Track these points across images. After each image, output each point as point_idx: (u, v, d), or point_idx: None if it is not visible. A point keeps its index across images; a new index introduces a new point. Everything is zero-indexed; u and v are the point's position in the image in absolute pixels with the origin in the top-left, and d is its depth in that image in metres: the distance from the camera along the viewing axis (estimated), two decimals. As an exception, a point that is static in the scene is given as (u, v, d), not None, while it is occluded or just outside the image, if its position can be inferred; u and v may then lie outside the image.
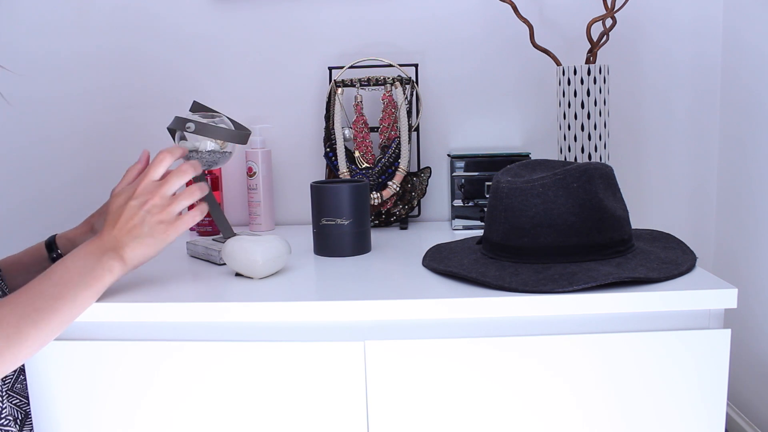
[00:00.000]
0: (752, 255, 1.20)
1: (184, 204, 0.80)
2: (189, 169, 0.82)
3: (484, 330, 0.79)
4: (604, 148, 1.11)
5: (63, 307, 0.70)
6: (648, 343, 0.77)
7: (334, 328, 0.80)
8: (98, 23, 1.31)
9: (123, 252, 0.76)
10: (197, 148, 0.98)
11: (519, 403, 0.79)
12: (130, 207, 0.77)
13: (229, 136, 0.97)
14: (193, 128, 0.94)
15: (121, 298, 0.81)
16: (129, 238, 0.76)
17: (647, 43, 1.28)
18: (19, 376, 0.81)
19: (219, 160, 1.01)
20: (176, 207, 0.79)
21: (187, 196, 0.81)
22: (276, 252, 0.87)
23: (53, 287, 0.70)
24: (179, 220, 0.79)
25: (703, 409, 0.78)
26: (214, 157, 1.00)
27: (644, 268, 0.81)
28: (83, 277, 0.72)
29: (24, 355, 0.68)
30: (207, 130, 0.95)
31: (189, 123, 0.94)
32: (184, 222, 0.79)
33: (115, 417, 0.82)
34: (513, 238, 0.85)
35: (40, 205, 1.36)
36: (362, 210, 1.00)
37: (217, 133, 0.96)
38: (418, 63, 1.27)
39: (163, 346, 0.80)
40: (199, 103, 1.06)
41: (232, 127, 1.00)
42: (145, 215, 0.77)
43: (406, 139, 1.21)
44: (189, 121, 0.95)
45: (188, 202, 0.80)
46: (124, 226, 0.77)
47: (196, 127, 0.94)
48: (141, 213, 0.77)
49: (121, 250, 0.76)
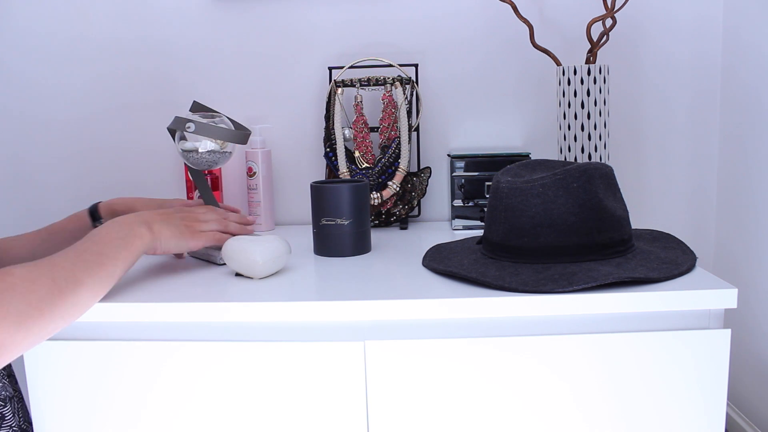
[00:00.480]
0: (752, 255, 1.20)
1: (210, 226, 0.93)
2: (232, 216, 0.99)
3: (484, 330, 0.79)
4: (604, 148, 1.11)
5: (107, 261, 0.77)
6: (648, 343, 0.77)
7: (334, 328, 0.80)
8: (98, 24, 1.31)
9: (153, 225, 0.86)
10: (197, 149, 0.98)
11: (519, 403, 0.79)
12: (172, 209, 0.93)
13: (229, 136, 0.97)
14: (193, 128, 0.95)
15: (122, 298, 0.81)
16: (161, 219, 0.88)
17: (647, 43, 1.28)
18: None
19: (219, 160, 1.01)
20: (204, 225, 0.93)
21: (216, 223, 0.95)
22: (276, 252, 0.87)
23: (96, 245, 0.77)
24: (200, 234, 0.91)
25: (703, 409, 0.78)
26: (214, 157, 1.00)
27: (644, 268, 0.81)
28: (120, 240, 0.80)
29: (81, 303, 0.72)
30: (207, 130, 0.96)
31: (189, 123, 0.95)
32: (205, 236, 0.91)
33: (116, 417, 0.82)
34: (513, 238, 0.85)
35: (39, 206, 1.36)
36: (362, 210, 1.00)
37: (217, 133, 0.96)
38: (418, 63, 1.27)
39: (163, 346, 0.80)
40: (199, 103, 1.06)
41: (231, 127, 1.00)
42: (176, 217, 0.91)
43: (406, 139, 1.21)
44: (189, 121, 0.95)
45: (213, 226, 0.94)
46: (158, 212, 0.90)
47: (197, 127, 0.95)
48: (177, 214, 0.91)
49: (153, 224, 0.86)
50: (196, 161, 1.00)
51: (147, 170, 1.34)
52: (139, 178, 1.34)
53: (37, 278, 0.67)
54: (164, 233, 0.86)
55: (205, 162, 1.00)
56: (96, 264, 0.75)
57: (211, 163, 1.00)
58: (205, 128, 0.96)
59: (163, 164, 1.34)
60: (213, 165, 1.01)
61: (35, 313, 0.64)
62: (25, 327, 0.63)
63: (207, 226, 0.93)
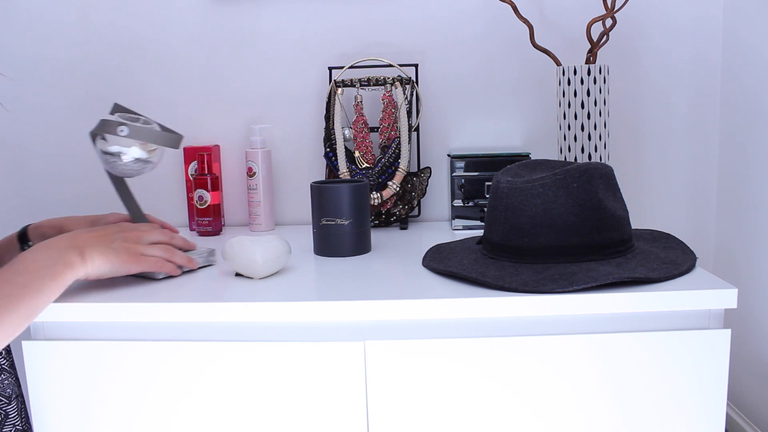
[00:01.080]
0: (752, 255, 1.20)
1: (153, 251, 0.86)
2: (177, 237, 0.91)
3: (484, 330, 0.79)
4: (604, 148, 1.11)
5: (29, 295, 0.71)
6: (648, 343, 0.77)
7: (334, 328, 0.80)
8: (98, 24, 1.30)
9: (85, 250, 0.78)
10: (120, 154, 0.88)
11: (519, 403, 0.79)
12: (107, 228, 0.85)
13: (164, 139, 0.89)
14: (126, 132, 0.86)
15: (122, 298, 0.81)
16: (95, 242, 0.80)
17: (647, 43, 1.28)
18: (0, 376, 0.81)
19: (142, 169, 0.91)
20: (146, 248, 0.85)
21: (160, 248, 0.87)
22: (276, 252, 0.87)
23: (19, 276, 0.72)
24: (142, 258, 0.84)
25: (703, 409, 0.78)
26: (138, 165, 0.90)
27: (644, 268, 0.81)
28: (47, 269, 0.74)
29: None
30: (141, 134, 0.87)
31: (121, 126, 0.86)
32: (146, 261, 0.84)
33: (115, 417, 0.82)
34: (513, 238, 0.85)
35: (38, 207, 1.36)
36: (362, 210, 1.00)
37: (152, 137, 0.88)
38: (418, 63, 1.27)
39: (163, 346, 0.80)
40: (121, 105, 0.96)
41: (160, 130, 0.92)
42: (116, 238, 0.83)
43: (406, 139, 1.21)
44: (121, 124, 0.86)
45: (158, 252, 0.86)
46: (94, 234, 0.82)
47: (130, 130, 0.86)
48: (115, 234, 0.84)
49: (85, 249, 0.79)
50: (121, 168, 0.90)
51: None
52: (139, 178, 1.34)
53: None
54: (97, 259, 0.79)
55: (131, 170, 0.90)
56: (17, 298, 0.70)
57: (137, 171, 0.90)
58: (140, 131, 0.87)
59: (163, 164, 1.34)
60: (138, 173, 0.91)
61: None
62: None
63: (150, 251, 0.85)
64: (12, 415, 0.82)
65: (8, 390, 0.82)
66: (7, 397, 0.82)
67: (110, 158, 0.89)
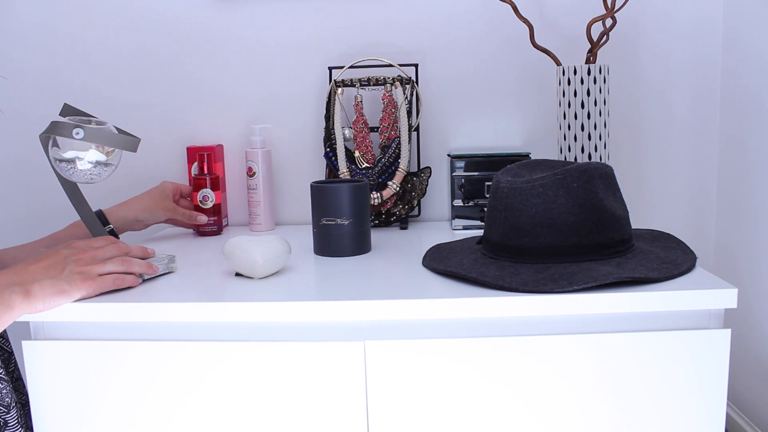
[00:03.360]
0: (752, 255, 1.20)
1: (108, 268, 0.81)
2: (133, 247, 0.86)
3: (484, 330, 0.79)
4: (604, 148, 1.11)
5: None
6: (648, 343, 0.77)
7: (334, 328, 0.80)
8: (98, 24, 1.31)
9: (31, 286, 0.73)
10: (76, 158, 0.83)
11: (519, 403, 0.79)
12: (58, 253, 0.79)
13: (121, 142, 0.84)
14: (82, 134, 0.81)
15: (121, 298, 0.81)
16: (42, 275, 0.75)
17: (647, 43, 1.28)
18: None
19: (101, 174, 0.86)
20: (100, 267, 0.80)
21: (116, 262, 0.82)
22: (276, 252, 0.87)
23: None
24: (98, 279, 0.79)
25: (703, 409, 0.78)
26: (99, 169, 0.85)
27: (644, 268, 0.81)
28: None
29: None
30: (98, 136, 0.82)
31: (77, 128, 0.80)
32: (102, 282, 0.80)
33: (116, 417, 0.82)
34: (513, 238, 0.85)
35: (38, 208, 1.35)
36: (362, 210, 1.00)
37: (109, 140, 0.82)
38: (418, 63, 1.27)
39: (163, 346, 0.80)
40: (71, 107, 0.90)
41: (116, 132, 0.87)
42: (68, 263, 0.78)
43: (406, 139, 1.21)
44: (76, 126, 0.81)
45: (114, 267, 0.81)
46: (43, 264, 0.76)
47: (86, 133, 0.81)
48: (65, 260, 0.78)
49: (30, 284, 0.73)
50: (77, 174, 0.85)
51: (147, 171, 1.34)
52: (139, 179, 1.34)
53: None
54: (45, 292, 0.73)
55: (88, 175, 0.84)
56: None
57: (95, 176, 0.85)
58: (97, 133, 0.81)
59: (164, 165, 1.34)
60: (96, 178, 0.86)
61: None
62: None
63: (106, 268, 0.81)
64: (11, 423, 0.82)
65: (6, 399, 0.82)
66: (6, 406, 0.82)
67: (66, 165, 0.84)
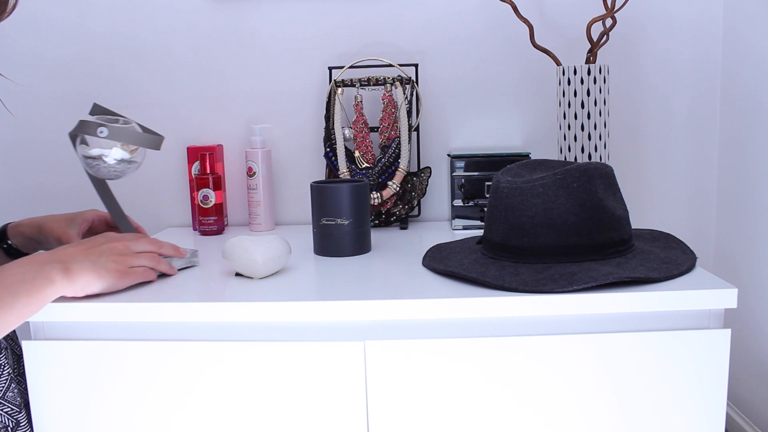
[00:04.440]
0: (752, 255, 1.20)
1: (140, 262, 0.84)
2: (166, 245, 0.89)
3: (484, 330, 0.79)
4: (604, 148, 1.11)
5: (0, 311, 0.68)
6: (648, 343, 0.77)
7: (334, 328, 0.80)
8: (98, 24, 1.31)
9: (71, 265, 0.75)
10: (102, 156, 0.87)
11: (519, 403, 0.79)
12: (95, 240, 0.82)
13: (144, 141, 0.88)
14: (106, 133, 0.85)
15: (122, 298, 0.81)
16: (82, 256, 0.77)
17: (647, 43, 1.28)
18: (11, 384, 0.81)
19: (126, 171, 0.90)
20: (134, 260, 0.83)
21: (147, 258, 0.85)
22: (276, 252, 0.87)
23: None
24: (131, 272, 0.82)
25: (703, 409, 0.78)
26: (122, 166, 0.89)
27: (644, 268, 0.81)
28: (23, 285, 0.71)
29: None
30: (121, 135, 0.86)
31: (101, 127, 0.84)
32: (134, 273, 0.82)
33: (116, 417, 0.82)
34: (513, 238, 0.85)
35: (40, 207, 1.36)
36: (362, 210, 1.00)
37: (132, 138, 0.87)
38: (418, 63, 1.27)
39: (163, 346, 0.80)
40: (101, 106, 0.94)
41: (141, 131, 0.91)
42: (106, 250, 0.80)
43: (406, 139, 1.21)
44: (101, 125, 0.85)
45: (145, 262, 0.84)
46: (81, 248, 0.79)
47: (110, 131, 0.85)
48: (103, 247, 0.81)
49: (70, 263, 0.75)
50: (104, 171, 0.89)
51: (148, 171, 1.34)
52: (141, 178, 1.34)
53: None
54: (84, 276, 0.76)
55: (114, 171, 0.88)
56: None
57: (120, 173, 0.89)
58: (121, 132, 0.85)
59: (164, 165, 1.34)
60: (121, 175, 0.90)
61: None
62: None
63: (138, 261, 0.83)
64: (22, 423, 0.82)
65: (18, 398, 0.82)
66: (18, 405, 0.82)
67: (92, 162, 0.87)
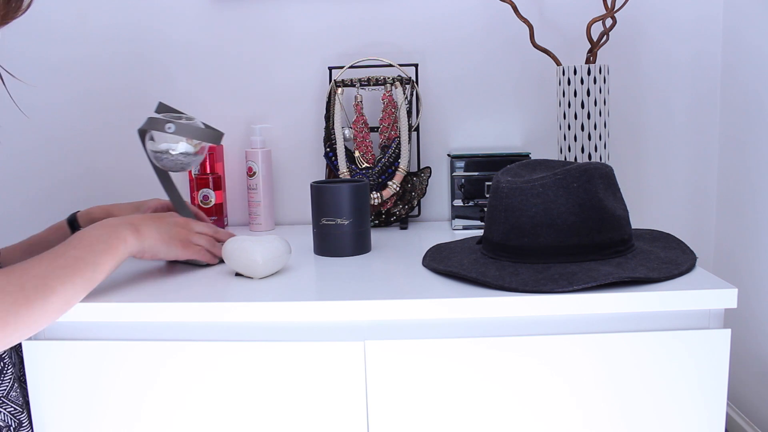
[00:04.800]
0: (752, 255, 1.20)
1: (201, 241, 0.92)
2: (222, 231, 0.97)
3: (484, 330, 0.79)
4: (604, 148, 1.11)
5: (84, 266, 0.74)
6: (648, 343, 0.77)
7: (334, 328, 0.80)
8: (98, 26, 1.31)
9: (141, 228, 0.83)
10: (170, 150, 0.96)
11: (519, 403, 0.79)
12: (162, 214, 0.91)
13: (207, 136, 0.96)
14: (173, 129, 0.93)
15: (122, 298, 0.81)
16: (151, 222, 0.86)
17: (647, 43, 1.28)
18: (14, 384, 0.81)
19: (191, 163, 0.98)
20: (194, 237, 0.91)
21: (206, 239, 0.93)
22: (276, 252, 0.87)
23: (74, 250, 0.75)
24: (190, 245, 0.90)
25: (703, 409, 0.78)
26: (187, 158, 0.97)
27: (644, 268, 0.81)
28: (101, 244, 0.77)
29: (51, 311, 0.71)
30: (187, 130, 0.94)
31: (169, 124, 0.93)
32: (193, 249, 0.90)
33: (116, 417, 0.82)
34: (513, 238, 0.85)
35: (42, 206, 1.36)
36: (362, 210, 1.00)
37: (197, 133, 0.95)
38: (418, 63, 1.27)
39: (163, 346, 0.80)
40: (165, 105, 1.03)
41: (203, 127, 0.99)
42: (171, 222, 0.89)
43: (406, 139, 1.21)
44: (168, 121, 0.93)
45: (204, 242, 0.92)
46: (152, 217, 0.88)
47: (177, 127, 0.93)
48: (168, 219, 0.89)
49: (140, 226, 0.83)
50: (169, 163, 0.97)
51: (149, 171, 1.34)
52: (139, 179, 1.34)
53: (4, 286, 0.66)
54: (152, 236, 0.84)
55: (179, 164, 0.97)
56: (72, 269, 0.73)
57: (185, 165, 0.98)
58: (185, 128, 0.94)
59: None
60: (185, 167, 0.98)
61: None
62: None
63: (198, 239, 0.91)
64: (24, 423, 0.82)
65: (21, 398, 0.82)
66: (21, 405, 0.82)
67: (160, 155, 0.97)
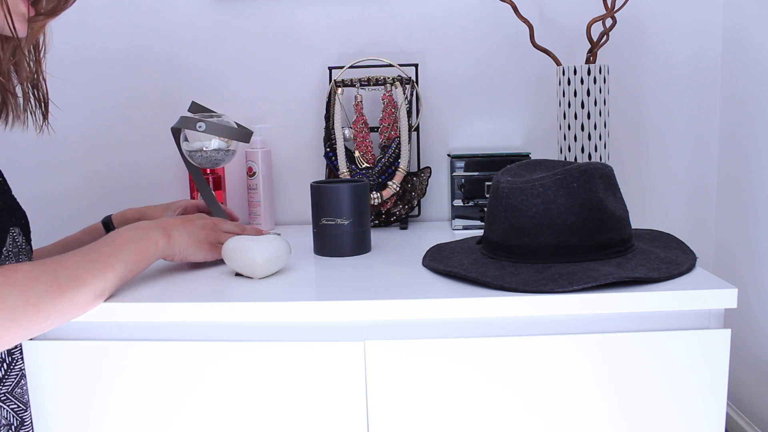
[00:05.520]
0: (752, 255, 1.20)
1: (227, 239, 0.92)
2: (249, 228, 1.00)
3: (484, 330, 0.79)
4: (604, 148, 1.11)
5: (115, 263, 0.77)
6: (648, 343, 0.77)
7: (334, 328, 0.80)
8: (98, 25, 1.31)
9: (172, 232, 0.86)
10: (203, 147, 1.03)
11: (519, 403, 0.79)
12: (191, 216, 0.94)
13: (237, 134, 1.02)
14: (204, 127, 0.99)
15: (122, 298, 0.81)
16: (181, 226, 0.89)
17: (647, 43, 1.28)
18: (20, 381, 0.82)
19: (224, 158, 1.06)
20: (222, 237, 0.94)
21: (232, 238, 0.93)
22: (276, 252, 0.87)
23: (107, 247, 0.78)
24: (218, 246, 0.92)
25: (703, 409, 0.78)
26: (220, 155, 1.05)
27: (644, 268, 0.81)
28: (133, 244, 0.81)
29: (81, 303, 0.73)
30: (217, 129, 1.00)
31: (200, 123, 0.99)
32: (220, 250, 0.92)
33: (116, 417, 0.82)
34: (513, 238, 0.85)
35: (46, 205, 1.36)
36: (362, 210, 1.00)
37: (226, 132, 1.01)
38: (418, 63, 1.27)
39: (163, 346, 0.80)
40: (198, 104, 1.08)
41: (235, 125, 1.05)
42: (199, 224, 0.92)
43: (406, 139, 1.21)
44: (200, 120, 0.99)
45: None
46: (180, 219, 0.91)
47: (207, 126, 0.99)
48: (197, 222, 0.92)
49: (171, 230, 0.86)
50: (203, 160, 1.05)
51: (149, 171, 1.34)
52: (141, 179, 1.34)
53: (39, 275, 0.68)
54: (182, 240, 0.87)
55: (213, 160, 1.04)
56: (103, 264, 0.76)
57: (218, 161, 1.05)
58: (216, 127, 0.99)
59: (164, 165, 1.34)
60: (219, 163, 1.06)
61: (31, 310, 0.67)
62: (18, 322, 0.65)
63: (224, 237, 0.94)
64: (27, 422, 0.83)
65: (26, 396, 0.83)
66: (24, 404, 0.82)
67: (194, 152, 1.04)
